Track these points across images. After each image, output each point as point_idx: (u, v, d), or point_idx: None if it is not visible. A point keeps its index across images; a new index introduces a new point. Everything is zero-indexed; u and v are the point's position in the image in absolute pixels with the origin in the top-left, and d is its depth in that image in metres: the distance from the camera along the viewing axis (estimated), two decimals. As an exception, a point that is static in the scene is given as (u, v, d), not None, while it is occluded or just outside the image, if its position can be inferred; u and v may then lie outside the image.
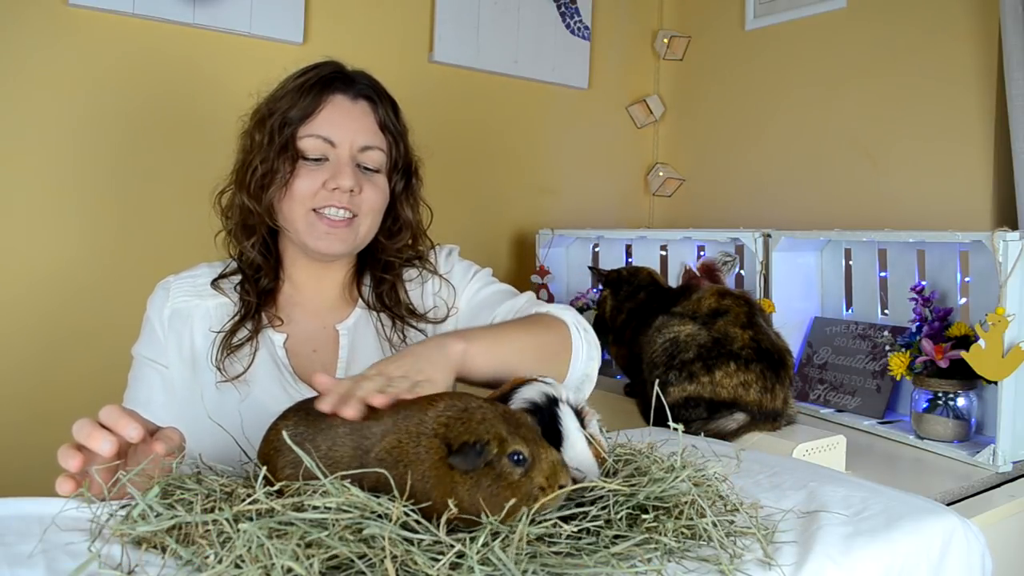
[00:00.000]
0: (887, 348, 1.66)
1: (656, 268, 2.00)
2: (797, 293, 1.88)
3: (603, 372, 1.22)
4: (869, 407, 1.69)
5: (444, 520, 0.62)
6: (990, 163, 1.86)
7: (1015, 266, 1.36)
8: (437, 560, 0.58)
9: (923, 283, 1.63)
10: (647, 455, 0.82)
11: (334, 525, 0.61)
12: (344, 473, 0.67)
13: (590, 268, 2.10)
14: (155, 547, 0.65)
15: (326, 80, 1.13)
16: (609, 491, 0.70)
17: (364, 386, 0.76)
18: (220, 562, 0.58)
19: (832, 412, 1.74)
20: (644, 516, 0.68)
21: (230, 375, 1.09)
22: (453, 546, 0.59)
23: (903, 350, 1.54)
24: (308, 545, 0.59)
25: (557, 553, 0.62)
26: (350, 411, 0.71)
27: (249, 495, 0.65)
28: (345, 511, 0.62)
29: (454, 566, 0.58)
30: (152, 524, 0.64)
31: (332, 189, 1.09)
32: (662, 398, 1.37)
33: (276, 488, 0.67)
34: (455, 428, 0.67)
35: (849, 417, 1.69)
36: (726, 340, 1.43)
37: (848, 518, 0.77)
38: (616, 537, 0.66)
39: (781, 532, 0.72)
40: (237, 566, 0.57)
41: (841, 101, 2.17)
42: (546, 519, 0.66)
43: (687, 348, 1.44)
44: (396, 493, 0.65)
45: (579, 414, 0.79)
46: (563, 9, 2.42)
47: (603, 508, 0.69)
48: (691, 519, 0.69)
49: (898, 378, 1.57)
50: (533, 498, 0.65)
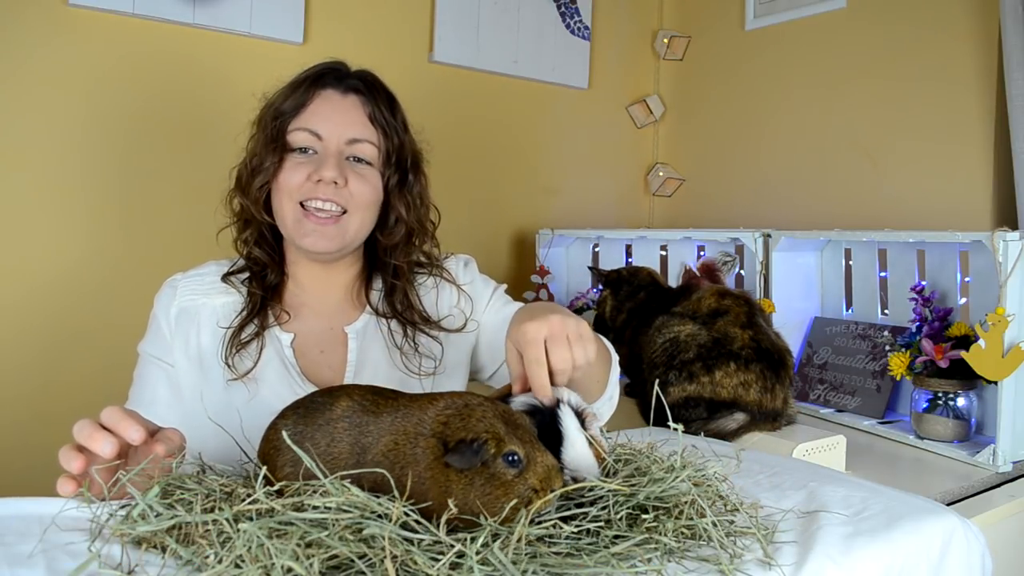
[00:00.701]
0: (887, 348, 1.66)
1: (656, 268, 2.00)
2: (797, 293, 1.88)
3: (603, 372, 1.22)
4: (869, 407, 1.69)
5: (444, 520, 0.62)
6: (990, 163, 1.86)
7: (1015, 266, 1.36)
8: (437, 560, 0.58)
9: (923, 283, 1.63)
10: (647, 455, 0.81)
11: (334, 525, 0.61)
12: (344, 473, 0.66)
13: (590, 268, 2.10)
14: (155, 547, 0.65)
15: (319, 75, 1.14)
16: (609, 491, 0.70)
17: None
18: (220, 562, 0.58)
19: (832, 412, 1.74)
20: (644, 516, 0.68)
21: (239, 372, 1.09)
22: (453, 546, 0.59)
23: (903, 350, 1.54)
24: (308, 545, 0.59)
25: (557, 553, 0.62)
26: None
27: (249, 495, 0.65)
28: (345, 511, 0.62)
29: (454, 566, 0.58)
30: (152, 524, 0.64)
31: (316, 181, 1.09)
32: (662, 398, 1.37)
33: (276, 488, 0.67)
34: (453, 425, 0.67)
35: (849, 417, 1.69)
36: (726, 340, 1.43)
37: (848, 518, 0.77)
38: (616, 537, 0.66)
39: (781, 532, 0.73)
40: (237, 566, 0.57)
41: (841, 101, 2.17)
42: (546, 519, 0.66)
43: (687, 348, 1.44)
44: (396, 493, 0.65)
45: (580, 415, 0.79)
46: (563, 9, 2.42)
47: (603, 508, 0.69)
48: (691, 519, 0.69)
49: (898, 378, 1.57)
50: (526, 500, 0.65)
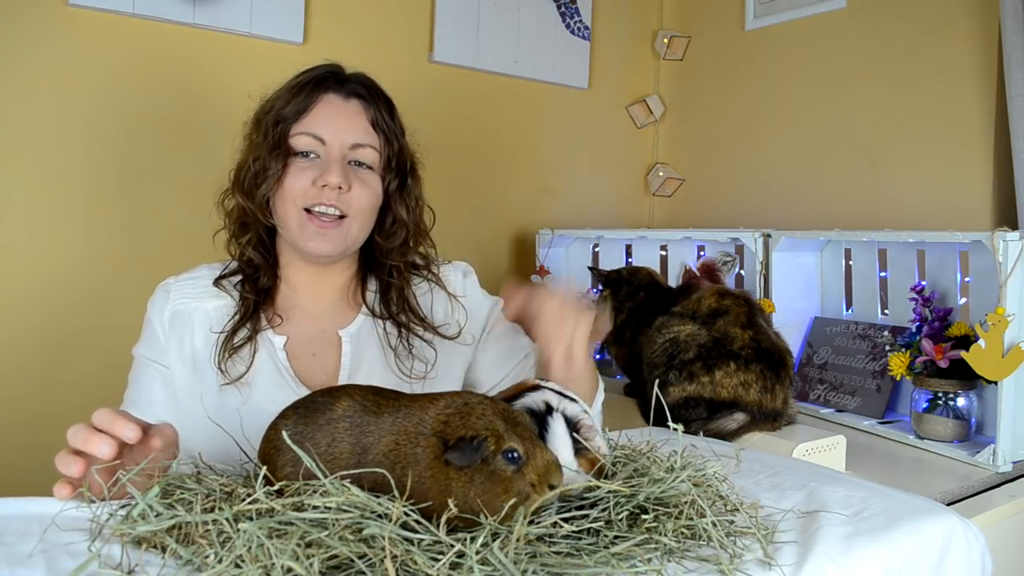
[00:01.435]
0: (887, 348, 1.66)
1: (656, 268, 2.00)
2: (797, 293, 1.88)
3: (603, 372, 1.23)
4: (869, 407, 1.69)
5: (444, 520, 0.62)
6: (990, 163, 1.86)
7: (1015, 266, 1.36)
8: (437, 560, 0.58)
9: (923, 283, 1.63)
10: (647, 455, 0.81)
11: (334, 525, 0.61)
12: (344, 473, 0.66)
13: (590, 268, 2.10)
14: (155, 547, 0.65)
15: (319, 79, 1.15)
16: (609, 492, 0.70)
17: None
18: (220, 562, 0.58)
19: (832, 412, 1.74)
20: (644, 516, 0.68)
21: (232, 376, 1.10)
22: (453, 546, 0.59)
23: (903, 350, 1.54)
24: (308, 545, 0.59)
25: (557, 553, 0.62)
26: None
27: (249, 495, 0.65)
28: (345, 511, 0.62)
29: (454, 566, 0.58)
30: (152, 524, 0.64)
31: (321, 186, 1.10)
32: (661, 399, 1.37)
33: (276, 488, 0.67)
34: (453, 424, 0.67)
35: (849, 417, 1.69)
36: (726, 340, 1.43)
37: (848, 518, 0.77)
38: (616, 537, 0.66)
39: (781, 532, 0.72)
40: (237, 566, 0.57)
41: (841, 101, 2.17)
42: (545, 519, 0.66)
43: (687, 348, 1.44)
44: (396, 493, 0.65)
45: (575, 426, 0.78)
46: (563, 9, 2.42)
47: (603, 510, 0.69)
48: (691, 519, 0.69)
49: (898, 378, 1.57)
50: (525, 495, 0.65)
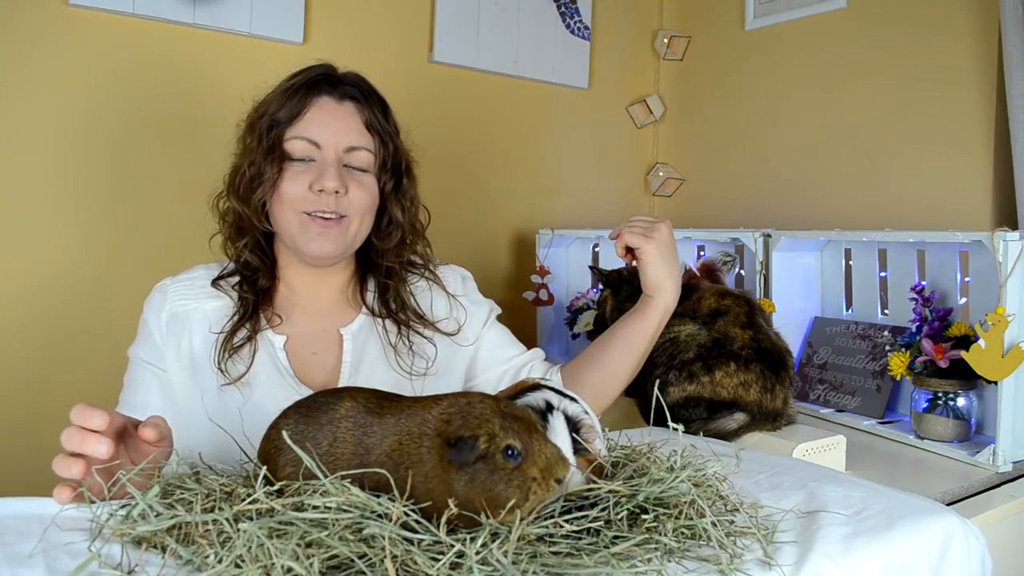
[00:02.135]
0: (887, 348, 1.66)
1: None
2: (797, 293, 1.88)
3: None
4: (869, 407, 1.69)
5: (444, 520, 0.62)
6: (990, 163, 1.86)
7: (1015, 266, 1.36)
8: (437, 560, 0.58)
9: (923, 283, 1.63)
10: (647, 455, 0.82)
11: (334, 525, 0.61)
12: (345, 473, 0.66)
13: (590, 268, 2.09)
14: (155, 547, 0.65)
15: (312, 82, 1.14)
16: (609, 492, 0.70)
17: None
18: (220, 562, 0.58)
19: (832, 412, 1.74)
20: (644, 516, 0.68)
21: (232, 376, 1.09)
22: (453, 546, 0.59)
23: (903, 350, 1.54)
24: (308, 545, 0.59)
25: (557, 553, 0.62)
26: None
27: (249, 495, 0.65)
28: (345, 511, 0.62)
29: (454, 566, 0.58)
30: (152, 524, 0.64)
31: (318, 191, 1.10)
32: (661, 400, 1.37)
33: (276, 488, 0.67)
34: (455, 423, 0.67)
35: (849, 417, 1.69)
36: (726, 340, 1.43)
37: (848, 518, 0.77)
38: (616, 537, 0.66)
39: (781, 532, 0.73)
40: (237, 566, 0.57)
41: (841, 101, 2.17)
42: (545, 519, 0.66)
43: (687, 348, 1.44)
44: (396, 493, 0.65)
45: (576, 426, 0.78)
46: (563, 9, 2.42)
47: (603, 510, 0.69)
48: (691, 519, 0.69)
49: (898, 378, 1.57)
50: (527, 490, 0.65)
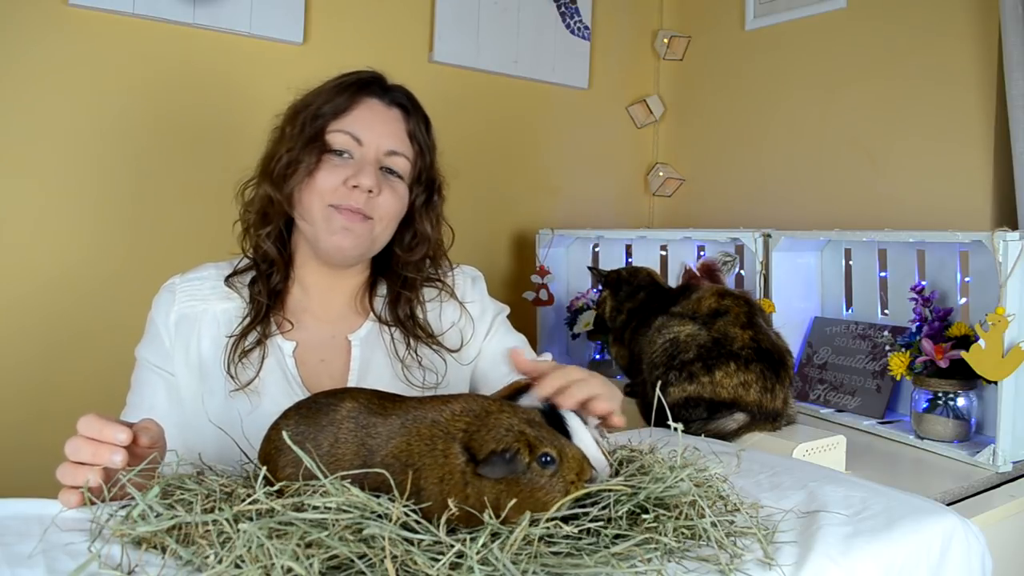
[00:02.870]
0: (887, 348, 1.66)
1: (656, 268, 2.00)
2: (797, 293, 1.88)
3: (603, 372, 1.23)
4: (869, 407, 1.69)
5: (444, 520, 0.62)
6: (990, 163, 1.86)
7: (1015, 266, 1.36)
8: (437, 560, 0.58)
9: (923, 283, 1.63)
10: (648, 455, 0.82)
11: (334, 525, 0.61)
12: (345, 473, 0.66)
13: (590, 268, 2.10)
14: (155, 547, 0.65)
15: (364, 82, 1.15)
16: (612, 491, 0.70)
17: (581, 388, 0.84)
18: (220, 562, 0.58)
19: (832, 412, 1.74)
20: (644, 516, 0.68)
21: (241, 382, 1.08)
22: (453, 546, 0.59)
23: (903, 350, 1.54)
24: (308, 545, 0.59)
25: (557, 553, 0.62)
26: (569, 402, 0.81)
27: (249, 495, 0.65)
28: (345, 511, 0.62)
29: (454, 566, 0.58)
30: (152, 524, 0.64)
31: (352, 187, 1.09)
32: (662, 400, 1.37)
33: (276, 488, 0.67)
34: (480, 436, 0.66)
35: (849, 417, 1.69)
36: (726, 340, 1.43)
37: (848, 518, 0.77)
38: (616, 537, 0.66)
39: (781, 532, 0.72)
40: (237, 566, 0.57)
41: (841, 101, 2.17)
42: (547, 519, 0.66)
43: (687, 348, 1.44)
44: (396, 493, 0.65)
45: (584, 420, 0.79)
46: (563, 9, 2.42)
47: (604, 508, 0.69)
48: (691, 519, 0.69)
49: (898, 378, 1.57)
50: (565, 493, 0.66)
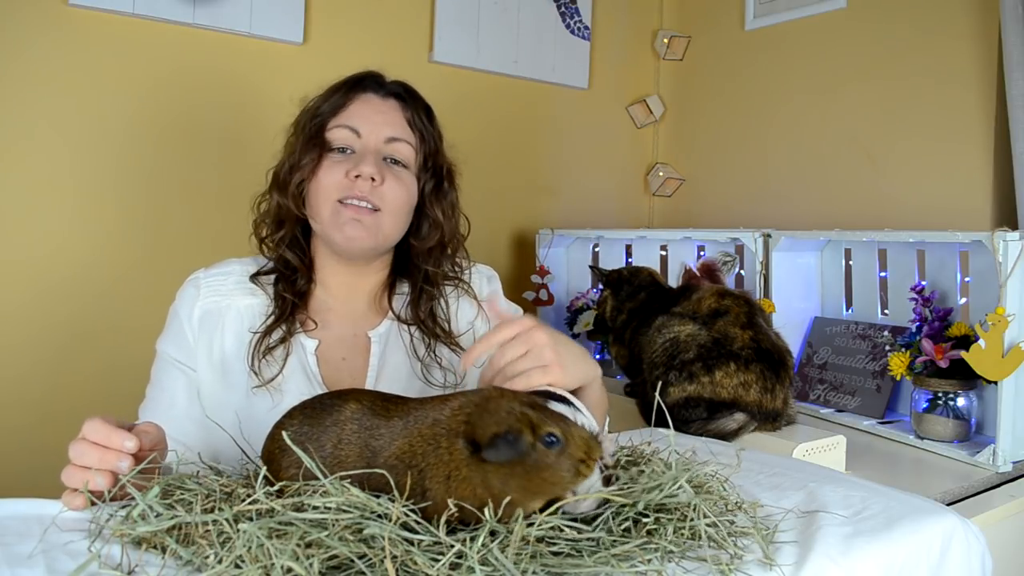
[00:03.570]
0: (887, 348, 1.66)
1: (656, 268, 2.00)
2: (797, 293, 1.88)
3: (603, 372, 1.22)
4: (869, 407, 1.69)
5: (444, 520, 0.62)
6: (990, 163, 1.86)
7: (1015, 266, 1.36)
8: (437, 560, 0.58)
9: (923, 283, 1.63)
10: (648, 457, 0.82)
11: (334, 525, 0.61)
12: (346, 473, 0.66)
13: (591, 268, 2.10)
14: (155, 547, 0.65)
15: (358, 79, 1.17)
16: (608, 503, 0.69)
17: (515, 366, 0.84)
18: (220, 562, 0.58)
19: (832, 412, 1.74)
20: (644, 519, 0.68)
21: (264, 379, 1.09)
22: (453, 546, 0.59)
23: (903, 350, 1.54)
24: (308, 545, 0.59)
25: (557, 554, 0.62)
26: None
27: (249, 495, 0.65)
28: (345, 511, 0.62)
29: (454, 566, 0.58)
30: (152, 524, 0.64)
31: (355, 177, 1.09)
32: (661, 404, 1.37)
33: (276, 488, 0.67)
34: (481, 422, 0.66)
35: (849, 417, 1.69)
36: (726, 340, 1.43)
37: (848, 518, 0.77)
38: (616, 538, 0.66)
39: (781, 532, 0.72)
40: (237, 566, 0.57)
41: (841, 101, 2.17)
42: (546, 524, 0.65)
43: (687, 348, 1.44)
44: (396, 493, 0.65)
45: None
46: (563, 9, 2.42)
47: (604, 520, 0.68)
48: (691, 520, 0.69)
49: (898, 378, 1.57)
50: (576, 472, 0.65)
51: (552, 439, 0.66)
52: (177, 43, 1.81)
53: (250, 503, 0.63)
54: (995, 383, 1.39)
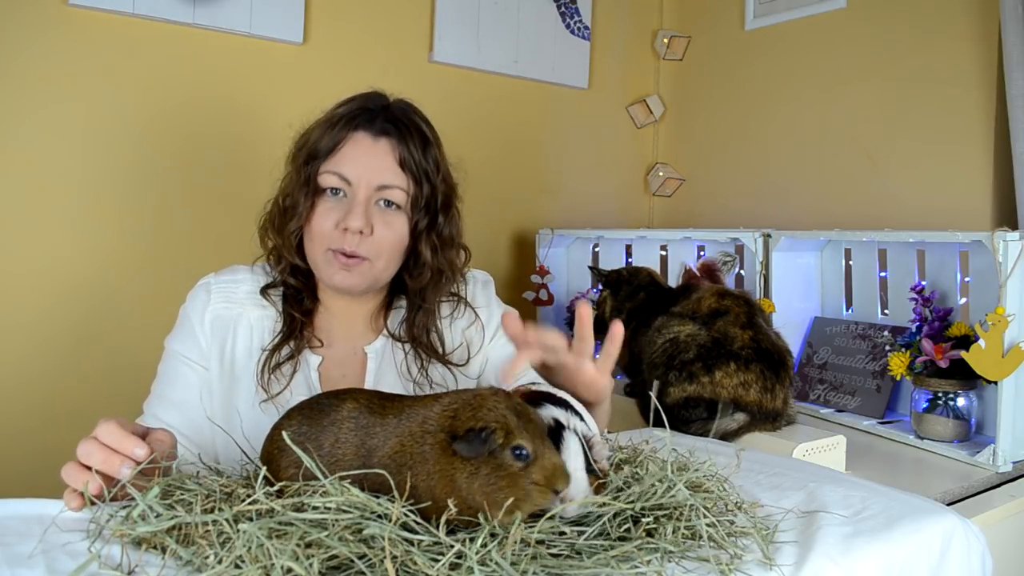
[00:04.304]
0: (887, 348, 1.66)
1: (656, 268, 2.00)
2: (797, 293, 1.88)
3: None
4: (869, 407, 1.69)
5: (444, 521, 0.62)
6: (990, 163, 1.86)
7: (1015, 266, 1.36)
8: (437, 560, 0.58)
9: (923, 283, 1.63)
10: (648, 458, 0.82)
11: (334, 525, 0.61)
12: (345, 474, 0.66)
13: (590, 268, 2.10)
14: (155, 547, 0.65)
15: (352, 115, 1.14)
16: (607, 508, 0.69)
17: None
18: (220, 562, 0.58)
19: (832, 412, 1.74)
20: (643, 519, 0.68)
21: (271, 393, 1.10)
22: (452, 546, 0.59)
23: (903, 350, 1.54)
24: (308, 545, 0.59)
25: (556, 555, 0.62)
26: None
27: (249, 495, 0.65)
28: (345, 511, 0.62)
29: (453, 567, 0.58)
30: (152, 524, 0.64)
31: (343, 230, 1.10)
32: (658, 404, 1.36)
33: (276, 488, 0.67)
34: (462, 416, 0.67)
35: (849, 417, 1.69)
36: (726, 340, 1.43)
37: (848, 518, 0.77)
38: (615, 538, 0.66)
39: (781, 532, 0.73)
40: (237, 566, 0.57)
41: (841, 101, 2.17)
42: (547, 525, 0.65)
43: (687, 348, 1.44)
44: (396, 493, 0.65)
45: (588, 443, 0.77)
46: (563, 9, 2.42)
47: (603, 524, 0.68)
48: (691, 520, 0.69)
49: (898, 378, 1.57)
50: (527, 494, 0.65)
51: (521, 452, 0.65)
52: (177, 43, 1.81)
53: (250, 503, 0.63)
54: (995, 383, 1.39)
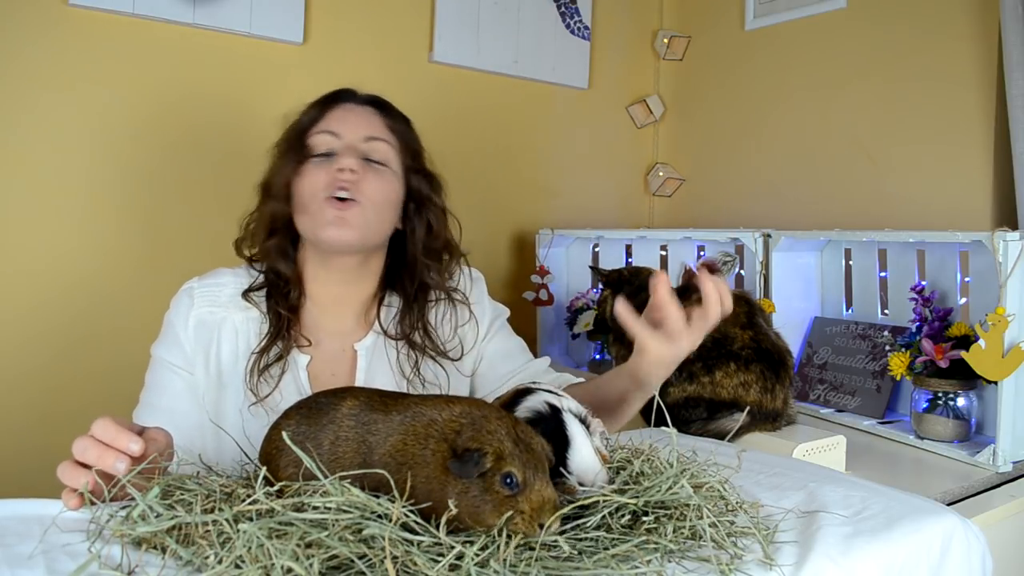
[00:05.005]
0: (887, 348, 1.66)
1: (656, 268, 2.00)
2: (797, 293, 1.88)
3: (604, 372, 1.23)
4: (869, 407, 1.69)
5: (444, 521, 0.62)
6: (990, 163, 1.86)
7: (1015, 266, 1.36)
8: (437, 561, 0.58)
9: (923, 283, 1.63)
10: (648, 458, 0.81)
11: (334, 525, 0.61)
12: (345, 473, 0.66)
13: (591, 268, 2.10)
14: (155, 547, 0.65)
15: (335, 93, 1.20)
16: (610, 501, 0.69)
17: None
18: (220, 562, 0.58)
19: (832, 412, 1.74)
20: (644, 519, 0.68)
21: (260, 396, 1.10)
22: (453, 547, 0.59)
23: (903, 350, 1.54)
24: (308, 545, 0.59)
25: (556, 556, 0.62)
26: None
27: (249, 495, 0.65)
28: (345, 511, 0.62)
29: (453, 567, 0.58)
30: (152, 525, 0.64)
31: (337, 170, 1.11)
32: (661, 403, 1.36)
33: (276, 488, 0.67)
34: (465, 434, 0.66)
35: (849, 417, 1.69)
36: (726, 340, 1.43)
37: (848, 518, 0.77)
38: (616, 538, 0.66)
39: (781, 532, 0.72)
40: (237, 566, 0.57)
41: (841, 101, 2.17)
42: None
43: (687, 348, 1.44)
44: (396, 493, 0.65)
45: (583, 422, 0.78)
46: (563, 9, 2.42)
47: (603, 517, 0.68)
48: (691, 520, 0.69)
49: (898, 378, 1.57)
50: (510, 522, 0.63)
51: (509, 481, 0.64)
52: (177, 43, 1.81)
53: (250, 503, 0.63)
54: (995, 383, 1.39)
